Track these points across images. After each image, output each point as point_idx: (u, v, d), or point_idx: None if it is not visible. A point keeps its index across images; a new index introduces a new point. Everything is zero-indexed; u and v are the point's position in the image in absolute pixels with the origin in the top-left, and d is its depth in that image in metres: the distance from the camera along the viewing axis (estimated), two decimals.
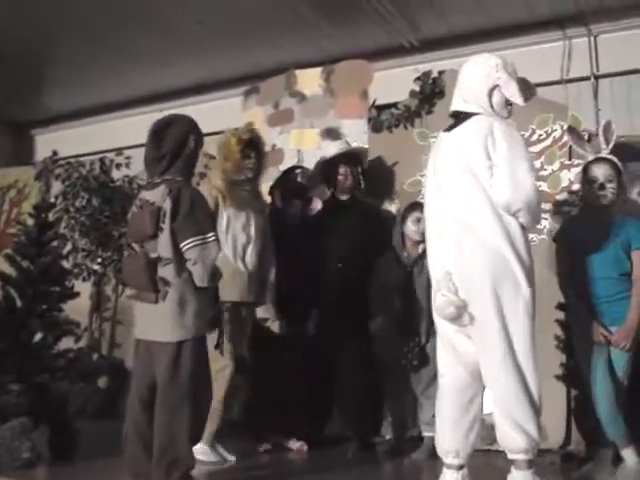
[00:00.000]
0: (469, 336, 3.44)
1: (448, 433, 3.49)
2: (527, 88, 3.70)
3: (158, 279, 3.56)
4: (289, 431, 4.93)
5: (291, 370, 4.85)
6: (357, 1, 5.91)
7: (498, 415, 3.35)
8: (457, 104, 3.68)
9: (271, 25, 6.51)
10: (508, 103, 3.59)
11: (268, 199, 5.27)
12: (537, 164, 5.41)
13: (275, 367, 4.81)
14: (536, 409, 3.27)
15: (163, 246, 3.57)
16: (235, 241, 4.53)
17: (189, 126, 3.81)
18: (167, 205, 3.57)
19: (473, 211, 3.44)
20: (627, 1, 5.75)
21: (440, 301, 3.45)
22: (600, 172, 4.35)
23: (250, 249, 4.58)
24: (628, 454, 4.04)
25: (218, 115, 6.93)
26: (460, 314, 3.39)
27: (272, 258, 4.75)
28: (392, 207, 5.75)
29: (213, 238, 3.59)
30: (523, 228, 3.41)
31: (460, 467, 3.46)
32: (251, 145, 4.70)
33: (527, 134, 5.48)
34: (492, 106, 3.56)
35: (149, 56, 7.20)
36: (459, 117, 3.64)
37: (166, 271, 3.56)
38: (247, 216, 4.61)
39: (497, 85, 3.54)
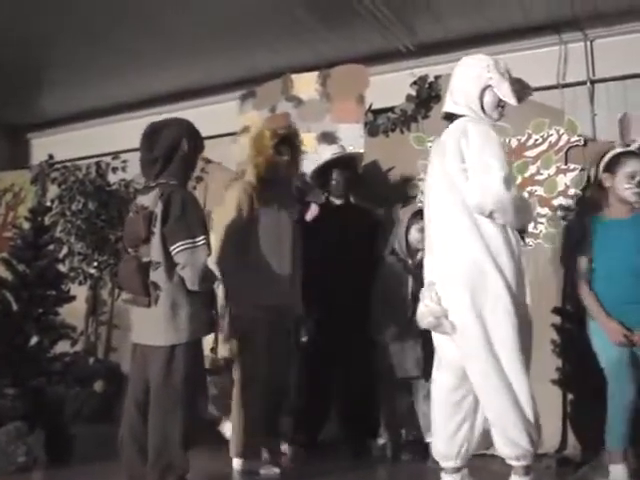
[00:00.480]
0: (455, 342, 3.46)
1: (439, 436, 3.51)
2: (522, 88, 3.68)
3: (150, 283, 3.56)
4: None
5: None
6: (353, 5, 5.91)
7: (490, 423, 3.37)
8: (447, 106, 3.68)
9: (267, 29, 6.51)
10: (500, 104, 3.57)
11: None
12: (533, 169, 5.43)
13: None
14: (525, 418, 3.24)
15: (154, 250, 3.58)
16: (266, 242, 4.26)
17: (183, 129, 3.81)
18: (158, 209, 3.58)
19: (451, 219, 3.45)
20: (622, 6, 5.76)
21: (420, 311, 3.48)
22: (638, 167, 4.02)
23: (282, 250, 4.31)
24: (617, 471, 3.83)
25: (214, 119, 6.95)
26: (439, 323, 3.41)
27: (300, 260, 4.52)
28: (388, 211, 5.75)
29: (203, 242, 3.58)
30: (505, 234, 3.38)
31: (456, 470, 3.46)
32: (286, 142, 4.43)
33: (523, 138, 5.50)
34: (483, 107, 3.55)
35: (146, 60, 7.19)
36: (450, 120, 3.64)
37: (157, 275, 3.56)
38: (278, 216, 4.35)
39: (489, 85, 3.52)
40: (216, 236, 4.14)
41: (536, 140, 5.49)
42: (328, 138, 5.97)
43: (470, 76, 3.58)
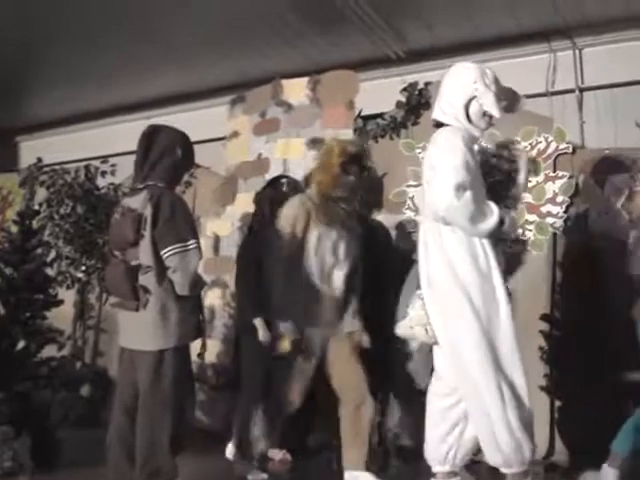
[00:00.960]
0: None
1: (429, 439, 3.54)
2: (515, 99, 3.72)
3: (139, 287, 3.54)
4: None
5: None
6: (344, 12, 5.92)
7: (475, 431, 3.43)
8: (436, 114, 3.71)
9: (258, 34, 6.51)
10: (486, 114, 3.60)
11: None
12: None
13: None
14: (491, 428, 3.29)
15: (144, 253, 3.55)
16: (323, 262, 4.00)
17: (179, 137, 3.80)
18: (148, 212, 3.55)
19: (424, 230, 3.54)
20: (611, 15, 5.78)
21: (405, 319, 3.53)
22: None
23: (337, 272, 4.03)
24: (608, 474, 3.80)
25: (204, 124, 6.94)
26: (413, 334, 3.48)
27: (359, 284, 4.25)
28: (378, 217, 5.75)
29: (194, 245, 3.56)
30: (469, 246, 3.41)
31: (446, 475, 3.48)
32: (355, 161, 4.11)
33: None
34: (469, 117, 3.58)
35: (136, 64, 7.18)
36: (439, 127, 3.67)
37: (147, 279, 3.54)
38: (338, 236, 4.07)
39: (474, 96, 3.56)
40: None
41: (525, 147, 5.51)
42: (318, 144, 5.97)
43: (456, 86, 3.62)
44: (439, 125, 3.67)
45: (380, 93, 6.28)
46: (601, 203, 5.19)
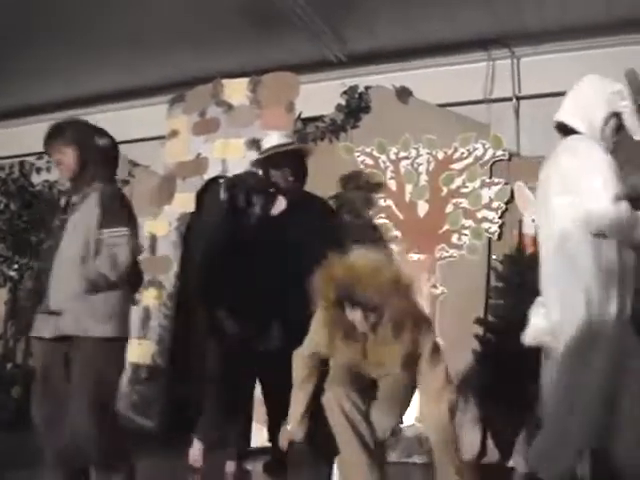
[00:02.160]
0: None
1: None
2: None
3: None
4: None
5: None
6: (286, 14, 5.92)
7: None
8: (567, 117, 3.52)
9: (199, 34, 6.46)
10: (617, 132, 3.47)
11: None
12: (459, 181, 5.54)
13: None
14: (550, 437, 3.24)
15: None
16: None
17: None
18: None
19: (576, 248, 3.30)
20: (549, 26, 5.90)
21: (528, 327, 3.49)
22: None
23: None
24: None
25: (143, 122, 6.87)
26: (540, 342, 3.40)
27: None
28: None
29: None
30: (619, 255, 3.25)
31: None
32: (350, 290, 2.88)
33: (450, 151, 5.61)
34: (604, 130, 3.42)
35: (73, 60, 7.06)
36: (562, 130, 3.54)
37: None
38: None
39: (619, 112, 3.43)
40: None
41: (462, 153, 5.61)
42: (257, 144, 5.96)
43: (601, 96, 3.45)
44: (562, 128, 3.52)
45: (320, 96, 6.30)
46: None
